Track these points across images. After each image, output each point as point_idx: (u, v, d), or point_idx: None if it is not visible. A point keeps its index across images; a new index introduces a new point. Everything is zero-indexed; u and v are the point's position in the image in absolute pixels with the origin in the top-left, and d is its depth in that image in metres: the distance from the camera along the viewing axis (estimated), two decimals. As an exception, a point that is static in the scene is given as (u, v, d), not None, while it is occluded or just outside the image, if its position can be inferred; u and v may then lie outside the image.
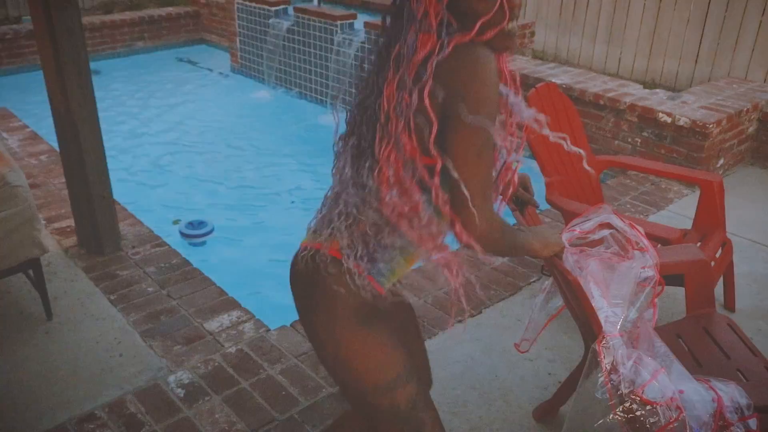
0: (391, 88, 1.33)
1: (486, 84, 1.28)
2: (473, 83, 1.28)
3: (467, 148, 1.29)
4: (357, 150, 1.41)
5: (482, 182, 1.31)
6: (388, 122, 1.33)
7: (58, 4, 2.73)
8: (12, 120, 5.07)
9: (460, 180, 1.30)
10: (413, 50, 1.31)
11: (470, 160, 1.30)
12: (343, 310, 1.39)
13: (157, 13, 8.14)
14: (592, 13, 6.84)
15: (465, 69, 1.28)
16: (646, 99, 4.41)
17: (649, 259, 1.91)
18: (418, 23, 1.32)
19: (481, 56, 1.29)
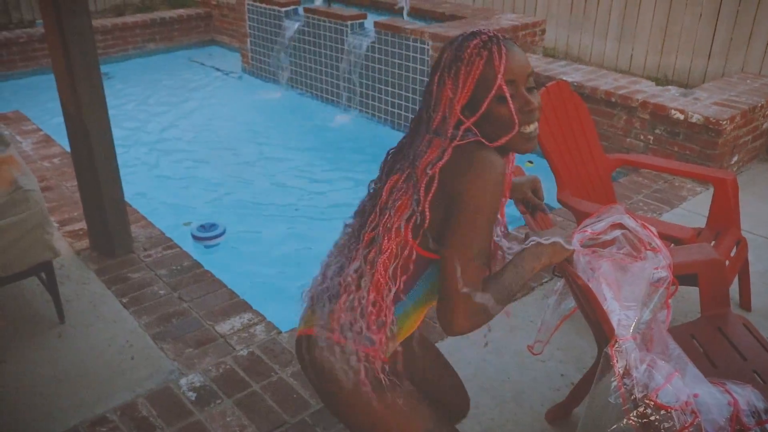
0: (396, 182, 1.41)
1: (489, 191, 1.32)
2: (477, 189, 1.32)
3: (462, 253, 1.34)
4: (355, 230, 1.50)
5: (471, 282, 1.35)
6: (382, 214, 1.41)
7: (68, 9, 2.74)
8: (25, 123, 5.10)
9: (448, 279, 1.34)
10: (421, 155, 1.38)
11: (463, 262, 1.34)
12: (353, 391, 1.45)
13: (168, 15, 8.17)
14: (603, 10, 6.79)
15: (471, 173, 1.33)
16: (658, 96, 4.36)
17: (662, 260, 1.89)
18: (430, 131, 1.39)
19: (488, 162, 1.33)
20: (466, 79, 1.35)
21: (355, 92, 6.04)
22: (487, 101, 1.35)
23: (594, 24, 6.91)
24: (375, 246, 1.41)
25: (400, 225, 1.39)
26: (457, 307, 1.34)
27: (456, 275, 1.33)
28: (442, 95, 1.38)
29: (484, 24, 5.39)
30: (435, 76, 1.40)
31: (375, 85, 5.82)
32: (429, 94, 1.42)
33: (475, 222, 1.33)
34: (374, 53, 5.70)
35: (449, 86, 1.37)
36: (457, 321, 1.35)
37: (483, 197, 1.32)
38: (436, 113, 1.38)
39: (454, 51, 1.38)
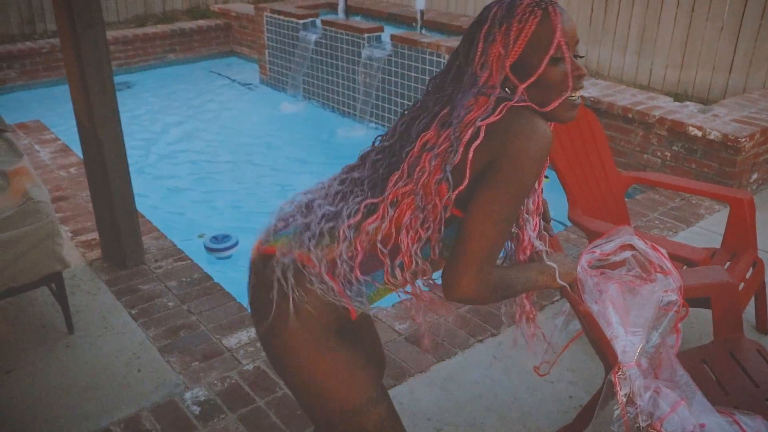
0: (431, 137, 1.33)
1: (533, 160, 1.27)
2: (521, 155, 1.26)
3: (490, 211, 1.28)
4: (363, 182, 1.40)
5: (488, 249, 1.29)
6: (415, 168, 1.33)
7: (83, 21, 2.76)
8: (44, 132, 5.17)
9: (465, 238, 1.29)
10: (468, 111, 1.31)
11: (487, 224, 1.28)
12: (312, 329, 1.36)
13: (188, 26, 8.25)
14: (622, 23, 6.74)
15: (518, 137, 1.27)
16: (676, 112, 4.31)
17: (672, 283, 1.85)
18: (478, 88, 1.31)
19: (538, 129, 1.28)
20: (517, 37, 1.29)
21: (371, 105, 6.04)
22: (545, 62, 1.29)
23: (613, 38, 6.86)
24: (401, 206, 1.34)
25: (436, 184, 1.32)
26: (468, 267, 1.28)
27: (477, 234, 1.28)
28: (491, 51, 1.31)
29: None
30: (481, 31, 1.33)
31: (391, 98, 5.82)
32: (472, 50, 1.34)
33: (510, 186, 1.27)
34: (390, 66, 5.71)
35: (500, 42, 1.30)
36: (465, 282, 1.28)
37: (526, 164, 1.27)
38: (483, 70, 1.32)
39: (506, 7, 1.32)
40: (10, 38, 8.17)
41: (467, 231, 1.29)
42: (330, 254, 1.36)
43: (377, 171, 1.40)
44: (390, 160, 1.40)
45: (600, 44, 6.98)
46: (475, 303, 1.35)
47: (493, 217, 1.28)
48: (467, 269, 1.28)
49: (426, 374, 2.61)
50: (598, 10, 6.90)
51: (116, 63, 7.64)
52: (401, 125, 1.43)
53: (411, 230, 1.34)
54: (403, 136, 1.40)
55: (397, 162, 1.38)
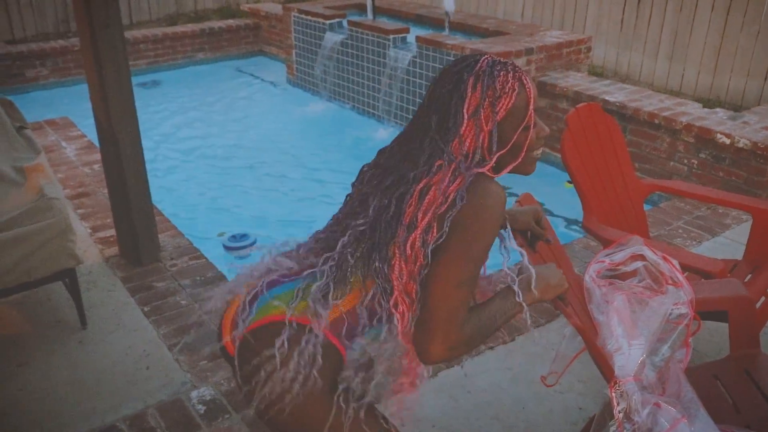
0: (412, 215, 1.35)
1: (490, 223, 1.32)
2: (478, 221, 1.31)
3: (449, 277, 1.31)
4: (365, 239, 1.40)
5: (451, 313, 1.31)
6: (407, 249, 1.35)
7: (101, 21, 2.79)
8: (72, 129, 5.25)
9: (429, 303, 1.31)
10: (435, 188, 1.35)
11: (447, 290, 1.31)
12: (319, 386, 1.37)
13: (217, 26, 8.33)
14: (654, 28, 6.62)
15: (474, 204, 1.32)
16: (704, 119, 4.21)
17: (683, 296, 1.80)
18: (449, 159, 1.35)
19: (492, 194, 1.33)
20: (500, 112, 1.36)
21: (395, 106, 6.02)
22: (519, 131, 1.38)
23: (644, 42, 6.73)
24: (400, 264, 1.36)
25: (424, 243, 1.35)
26: (436, 334, 1.30)
27: (438, 300, 1.30)
28: (479, 125, 1.35)
29: (529, 40, 5.31)
30: (463, 105, 1.35)
31: (415, 99, 5.79)
32: (454, 121, 1.36)
33: (471, 250, 1.32)
34: (415, 68, 5.68)
35: (484, 119, 1.36)
36: (434, 348, 1.30)
37: (484, 228, 1.32)
38: (464, 142, 1.36)
39: (486, 80, 1.36)
40: (45, 36, 8.35)
41: (428, 298, 1.32)
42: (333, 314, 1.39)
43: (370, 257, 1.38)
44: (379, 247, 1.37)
45: (631, 49, 6.86)
46: (457, 357, 1.41)
47: (453, 282, 1.31)
48: (434, 335, 1.30)
49: (434, 380, 2.58)
50: (629, 14, 6.79)
51: (145, 61, 7.74)
52: (371, 189, 1.43)
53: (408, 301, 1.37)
54: (380, 208, 1.38)
55: (386, 246, 1.36)
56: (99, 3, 2.76)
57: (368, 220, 1.40)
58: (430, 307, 1.31)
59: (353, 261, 1.39)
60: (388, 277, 1.35)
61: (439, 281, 1.31)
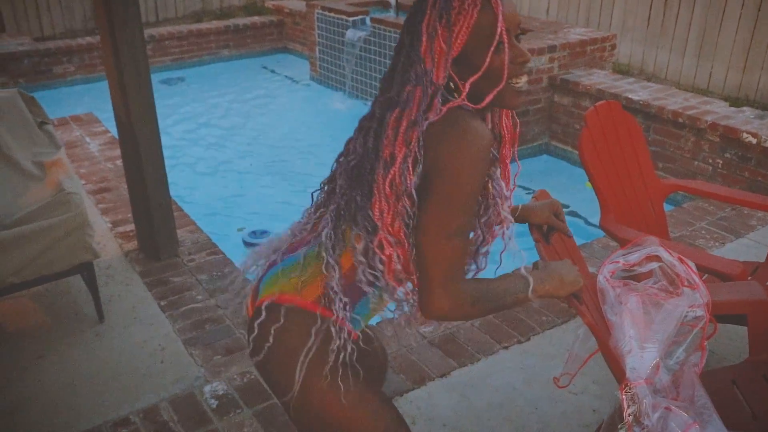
0: (388, 151, 1.27)
1: (472, 165, 1.20)
2: (459, 162, 1.20)
3: (438, 228, 1.22)
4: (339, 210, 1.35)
5: (448, 265, 1.24)
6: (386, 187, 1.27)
7: (121, 19, 2.82)
8: (96, 125, 5.31)
9: (423, 259, 1.24)
10: (407, 112, 1.25)
11: (440, 241, 1.23)
12: (320, 369, 1.33)
13: (242, 23, 8.37)
14: (682, 24, 6.50)
15: (454, 143, 1.20)
16: (729, 118, 4.13)
17: (698, 298, 1.76)
18: (415, 81, 1.25)
19: (473, 133, 1.20)
20: (461, 29, 1.22)
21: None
22: (489, 54, 1.23)
23: (672, 39, 6.62)
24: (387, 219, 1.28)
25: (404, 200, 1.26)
26: (434, 285, 1.24)
27: (432, 251, 1.23)
28: (435, 46, 1.23)
29: (552, 38, 5.25)
30: (422, 24, 1.25)
31: (437, 97, 5.76)
32: (416, 45, 1.25)
33: (455, 197, 1.21)
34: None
35: (441, 36, 1.22)
36: (436, 300, 1.24)
37: (465, 170, 1.20)
38: (430, 66, 1.24)
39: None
40: (72, 34, 8.46)
41: (422, 251, 1.25)
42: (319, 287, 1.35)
43: (353, 199, 1.33)
44: (361, 187, 1.32)
45: (658, 46, 6.75)
46: (459, 319, 1.31)
47: (445, 233, 1.23)
48: (434, 289, 1.24)
49: (446, 379, 2.56)
50: (656, 11, 6.68)
51: (170, 58, 7.81)
52: (357, 138, 1.38)
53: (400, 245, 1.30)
54: (365, 152, 1.33)
55: (368, 186, 1.30)
56: (118, 1, 2.78)
57: (356, 158, 1.35)
58: (424, 261, 1.24)
59: (344, 202, 1.34)
60: (370, 217, 1.29)
61: (427, 233, 1.23)
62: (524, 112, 5.07)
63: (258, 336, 1.37)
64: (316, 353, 1.33)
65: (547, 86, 5.07)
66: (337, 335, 1.33)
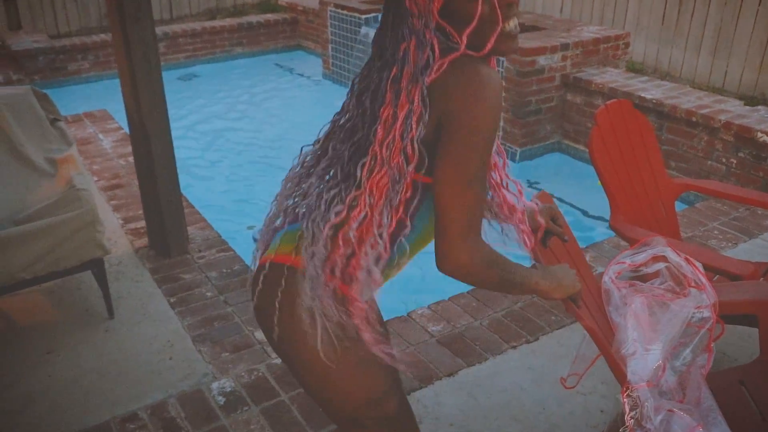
0: (388, 113, 1.25)
1: (486, 108, 1.18)
2: (473, 106, 1.18)
3: (457, 175, 1.20)
4: (335, 174, 1.35)
5: (468, 213, 1.21)
6: (382, 148, 1.25)
7: (132, 16, 2.83)
8: (109, 122, 5.35)
9: (442, 208, 1.21)
10: (406, 69, 1.23)
11: (458, 189, 1.20)
12: (326, 330, 1.32)
13: (255, 20, 8.39)
14: (697, 22, 6.44)
15: (465, 89, 1.19)
16: (744, 117, 4.08)
17: (705, 299, 1.75)
18: (409, 37, 1.23)
19: (484, 76, 1.19)
20: None
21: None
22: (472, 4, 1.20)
23: (686, 37, 6.56)
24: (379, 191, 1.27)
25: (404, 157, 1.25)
26: (452, 236, 1.21)
27: (450, 200, 1.21)
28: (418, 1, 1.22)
29: (565, 36, 5.22)
30: None
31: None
32: (398, 5, 1.25)
33: (472, 143, 1.20)
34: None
35: None
36: (453, 252, 1.21)
37: (481, 116, 1.19)
38: (418, 18, 1.22)
39: None
40: (87, 31, 8.52)
41: (442, 201, 1.21)
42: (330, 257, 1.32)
43: (345, 158, 1.32)
44: (355, 144, 1.31)
45: (672, 44, 6.69)
46: (473, 278, 1.26)
47: (464, 180, 1.20)
48: (453, 239, 1.21)
49: (454, 378, 2.56)
50: (671, 8, 6.62)
51: (184, 55, 7.84)
52: (353, 98, 1.35)
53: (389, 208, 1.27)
54: (361, 111, 1.31)
55: (363, 145, 1.29)
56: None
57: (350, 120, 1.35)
58: (444, 209, 1.21)
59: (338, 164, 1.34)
60: (354, 175, 1.29)
61: (447, 182, 1.21)
62: (536, 111, 5.04)
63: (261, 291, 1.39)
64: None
65: (559, 84, 5.04)
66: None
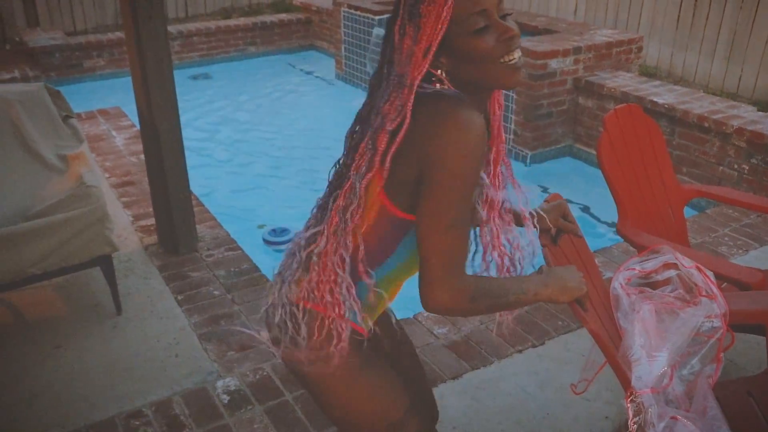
0: (362, 147, 1.28)
1: (466, 153, 1.19)
2: (452, 151, 1.19)
3: (436, 221, 1.22)
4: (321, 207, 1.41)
5: (447, 256, 1.23)
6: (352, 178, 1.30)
7: (145, 14, 2.85)
8: (122, 119, 5.39)
9: (423, 251, 1.24)
10: (384, 115, 1.26)
11: (437, 234, 1.22)
12: (333, 365, 1.35)
13: (269, 20, 8.42)
14: (712, 26, 6.39)
15: (444, 134, 1.19)
16: (757, 123, 4.05)
17: (715, 308, 1.73)
18: (393, 86, 1.25)
19: (463, 120, 1.19)
20: (436, 21, 1.20)
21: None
22: (468, 39, 1.22)
23: (701, 42, 6.51)
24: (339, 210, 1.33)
25: (357, 182, 1.29)
26: (433, 278, 1.23)
27: (430, 244, 1.23)
28: (404, 45, 1.24)
29: (578, 39, 5.20)
30: (395, 26, 1.26)
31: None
32: (389, 47, 1.27)
33: (450, 188, 1.21)
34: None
35: (410, 35, 1.22)
36: (434, 293, 1.23)
37: (459, 161, 1.19)
38: (402, 66, 1.24)
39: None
40: (104, 28, 8.59)
41: (422, 244, 1.24)
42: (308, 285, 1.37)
43: (330, 192, 1.39)
44: (338, 180, 1.37)
45: (687, 49, 6.65)
46: (458, 314, 1.29)
47: (442, 225, 1.22)
48: (434, 282, 1.24)
49: (458, 381, 2.55)
50: (685, 12, 6.58)
51: (198, 54, 7.88)
52: (347, 137, 1.41)
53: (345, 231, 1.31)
54: (349, 150, 1.37)
55: (341, 180, 1.34)
56: (143, -4, 2.82)
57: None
58: (424, 253, 1.24)
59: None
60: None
61: (424, 225, 1.23)
62: (548, 114, 5.03)
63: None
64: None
65: (571, 88, 5.02)
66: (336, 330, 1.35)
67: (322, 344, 1.35)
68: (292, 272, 1.38)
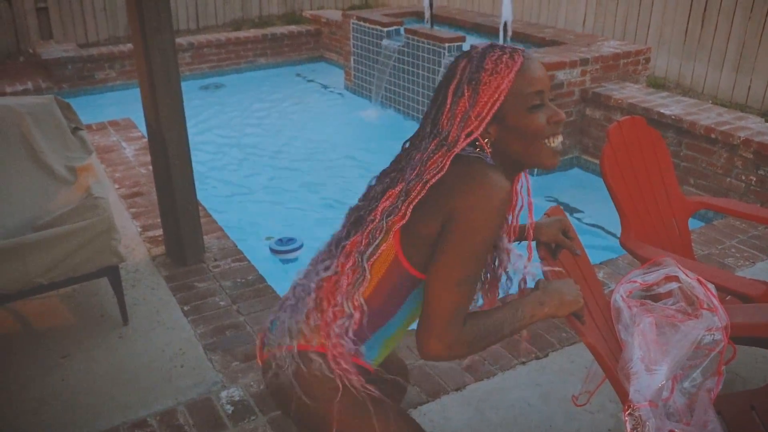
0: (391, 194, 1.34)
1: (489, 211, 1.25)
2: (474, 213, 1.25)
3: (449, 275, 1.27)
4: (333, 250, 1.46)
5: (452, 310, 1.27)
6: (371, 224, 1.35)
7: (152, 26, 2.89)
8: (133, 130, 5.44)
9: (429, 300, 1.28)
10: (420, 168, 1.32)
11: (448, 288, 1.27)
12: (344, 405, 1.38)
13: (279, 31, 8.49)
14: (720, 37, 6.38)
15: (471, 191, 1.26)
16: (764, 134, 4.04)
17: (717, 321, 1.73)
18: (436, 144, 1.32)
19: (492, 180, 1.26)
20: (495, 91, 1.30)
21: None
22: (519, 116, 1.32)
23: (709, 52, 6.51)
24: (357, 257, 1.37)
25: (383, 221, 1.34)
26: (433, 330, 1.27)
27: (438, 297, 1.27)
28: (458, 107, 1.31)
29: (585, 50, 5.21)
30: (450, 87, 1.34)
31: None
32: (441, 108, 1.35)
33: (467, 245, 1.26)
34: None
35: (467, 97, 1.31)
36: (432, 345, 1.27)
37: (480, 220, 1.25)
38: (451, 127, 1.32)
39: (476, 59, 1.33)
40: (116, 40, 8.69)
41: (429, 294, 1.28)
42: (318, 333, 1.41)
43: (344, 236, 1.43)
44: (357, 223, 1.41)
45: (695, 59, 6.64)
46: (454, 358, 1.34)
47: (454, 280, 1.26)
48: (433, 331, 1.28)
49: (461, 393, 2.55)
50: (694, 23, 6.57)
51: (208, 65, 7.96)
52: (377, 184, 1.45)
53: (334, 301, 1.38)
54: (369, 197, 1.42)
55: (361, 223, 1.39)
56: (151, 9, 2.86)
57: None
58: (430, 304, 1.28)
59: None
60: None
61: (438, 279, 1.27)
62: (555, 125, 5.02)
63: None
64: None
65: (578, 99, 5.03)
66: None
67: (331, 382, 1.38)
68: (303, 318, 1.43)
